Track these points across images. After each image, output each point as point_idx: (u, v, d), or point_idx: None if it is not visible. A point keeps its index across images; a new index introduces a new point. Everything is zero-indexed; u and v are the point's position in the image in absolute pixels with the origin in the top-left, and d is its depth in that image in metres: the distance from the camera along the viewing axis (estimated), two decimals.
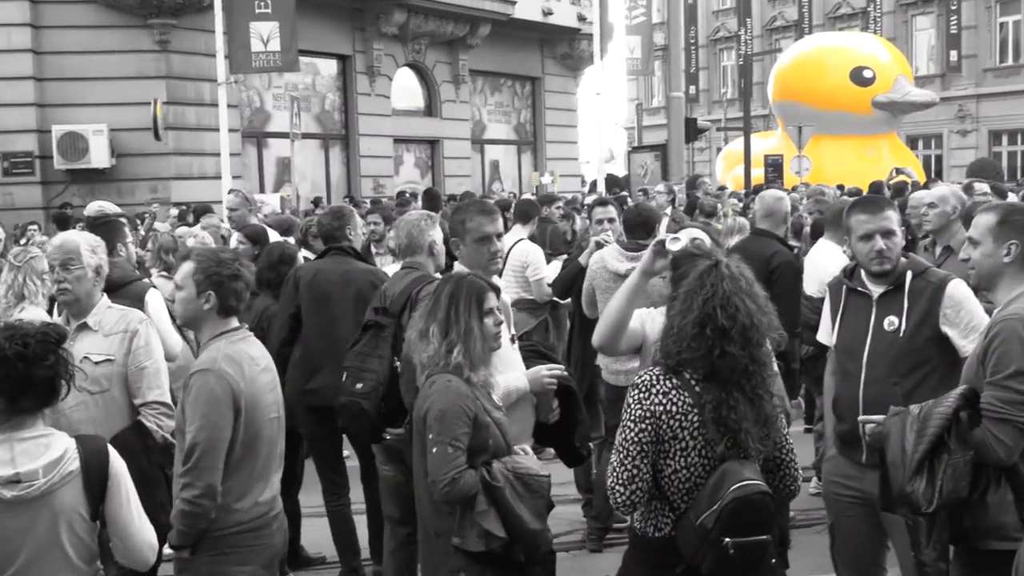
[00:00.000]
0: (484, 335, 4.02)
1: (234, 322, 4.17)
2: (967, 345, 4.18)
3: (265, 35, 18.01)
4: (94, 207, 10.53)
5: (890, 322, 4.34)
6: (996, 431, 3.58)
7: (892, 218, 4.43)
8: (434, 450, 3.81)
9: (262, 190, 22.74)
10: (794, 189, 18.88)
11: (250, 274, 4.23)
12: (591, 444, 4.95)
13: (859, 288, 4.48)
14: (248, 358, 4.09)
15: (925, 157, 42.19)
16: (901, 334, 4.31)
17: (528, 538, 3.94)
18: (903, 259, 4.46)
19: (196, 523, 3.88)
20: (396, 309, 4.99)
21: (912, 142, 40.44)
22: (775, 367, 3.55)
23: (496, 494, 3.86)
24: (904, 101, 28.49)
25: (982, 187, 9.58)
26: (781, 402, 3.61)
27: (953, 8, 41.75)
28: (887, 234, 4.37)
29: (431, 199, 13.99)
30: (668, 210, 11.67)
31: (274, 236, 9.07)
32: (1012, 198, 9.81)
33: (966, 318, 4.28)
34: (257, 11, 17.85)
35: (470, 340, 3.97)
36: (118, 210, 10.88)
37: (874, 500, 4.26)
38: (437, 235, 5.32)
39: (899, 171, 16.99)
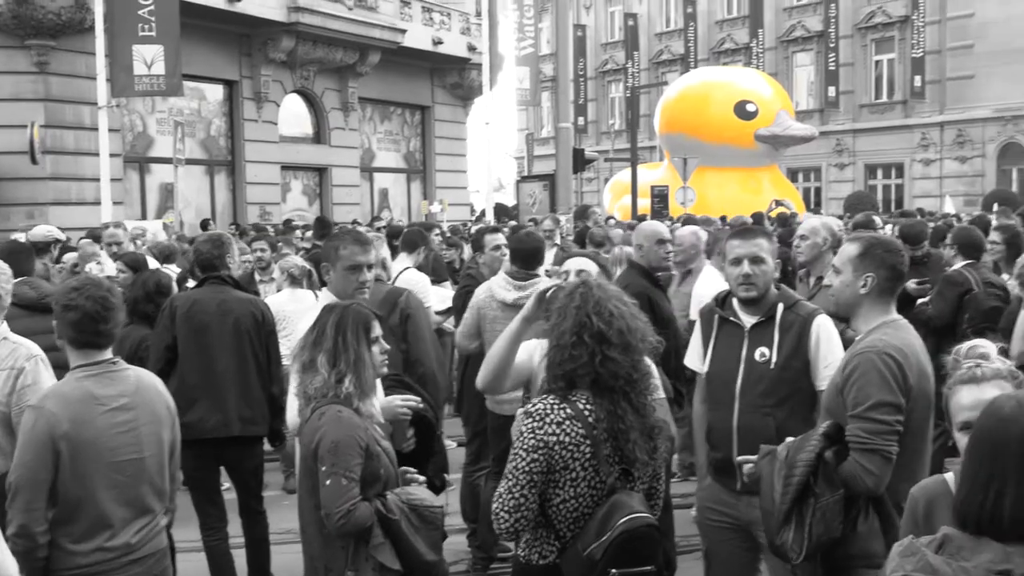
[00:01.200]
0: (372, 364, 3.97)
1: (97, 355, 3.97)
2: (824, 378, 4.29)
3: (149, 58, 17.64)
4: (42, 230, 10.18)
5: (761, 353, 4.40)
6: (864, 462, 3.67)
7: (763, 246, 4.50)
8: (328, 482, 3.71)
9: (144, 216, 22.23)
10: (677, 220, 19.20)
11: (100, 303, 3.93)
12: (445, 476, 4.91)
13: (731, 318, 4.54)
14: (90, 397, 3.87)
15: (805, 189, 43.43)
16: (772, 365, 4.38)
17: (424, 570, 3.89)
18: (775, 291, 4.53)
19: (24, 562, 3.66)
20: None
21: (793, 174, 41.60)
22: (657, 380, 3.59)
23: (392, 526, 3.79)
24: (785, 135, 29.27)
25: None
26: (666, 425, 3.63)
27: (831, 46, 43.19)
28: (755, 260, 4.44)
29: (322, 226, 13.84)
30: (557, 239, 11.74)
31: (156, 265, 8.85)
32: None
33: (825, 351, 4.37)
34: (140, 34, 17.48)
35: (360, 369, 3.90)
36: (60, 236, 10.55)
37: (747, 525, 4.37)
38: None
39: (778, 202, 17.46)
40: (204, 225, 20.19)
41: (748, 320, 4.49)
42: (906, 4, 41.44)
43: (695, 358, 4.76)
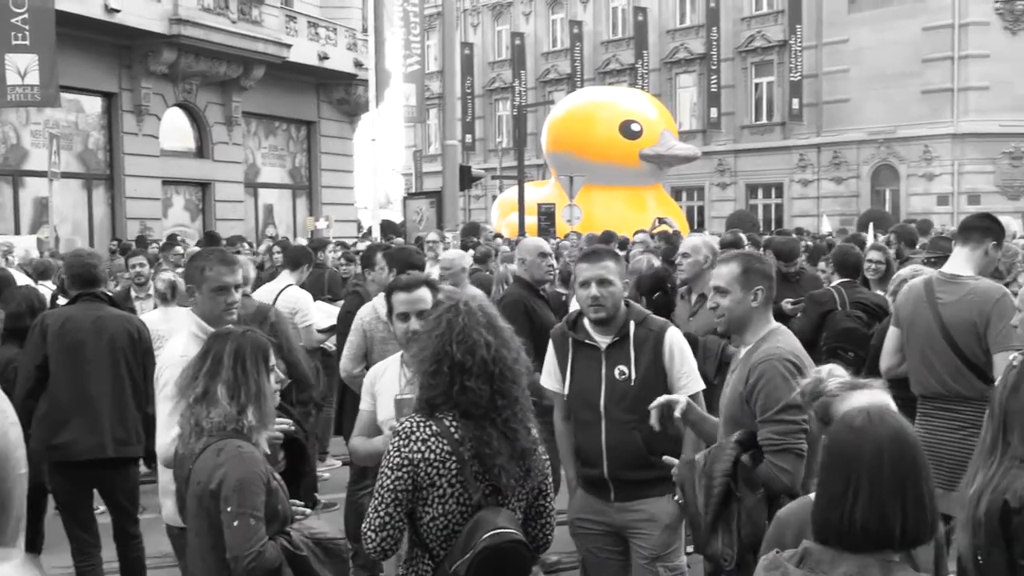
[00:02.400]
0: (271, 394, 3.82)
1: None
2: (681, 387, 4.52)
3: (22, 68, 17.14)
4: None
5: (620, 371, 4.57)
6: (779, 461, 3.80)
7: (610, 268, 4.63)
8: (235, 524, 3.51)
9: (18, 231, 21.52)
10: (566, 237, 19.39)
11: None
12: (316, 497, 4.87)
13: (586, 340, 4.67)
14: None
15: (688, 208, 44.26)
16: (632, 383, 4.54)
17: None
18: (625, 309, 4.67)
19: None
20: None
21: (677, 193, 42.35)
22: (529, 403, 3.58)
23: (301, 563, 3.67)
24: (669, 154, 29.73)
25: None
26: (537, 447, 3.62)
27: (713, 68, 44.22)
28: (603, 282, 4.57)
29: (210, 241, 13.56)
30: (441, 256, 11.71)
31: (29, 281, 8.55)
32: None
33: (679, 362, 4.60)
34: (14, 42, 16.97)
35: (261, 401, 3.74)
36: None
37: (620, 530, 4.62)
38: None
39: (661, 220, 17.75)
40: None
41: (603, 340, 4.64)
42: (784, 29, 42.68)
43: (551, 379, 4.85)
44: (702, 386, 4.76)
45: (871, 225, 20.83)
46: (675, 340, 4.64)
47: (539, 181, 36.97)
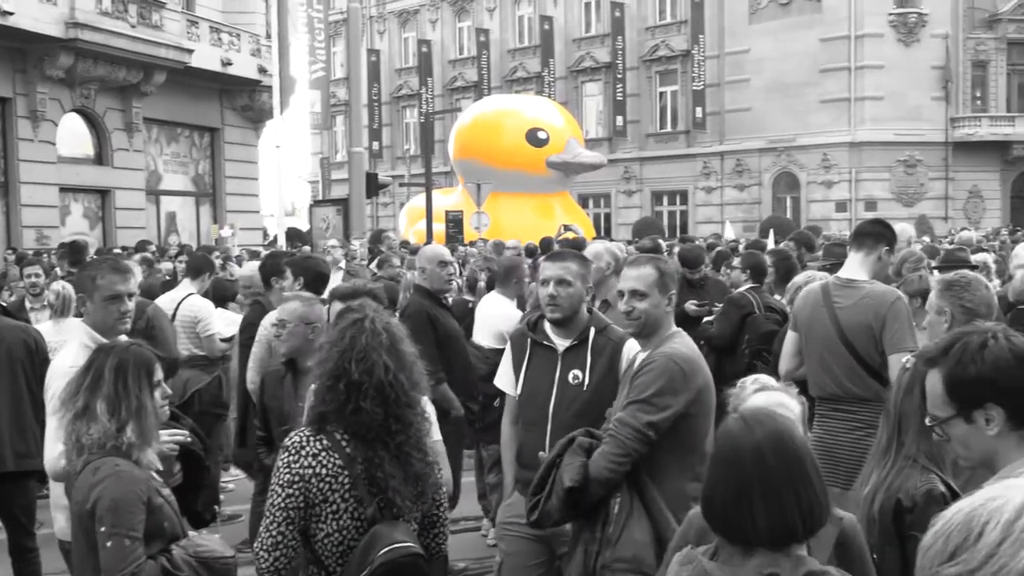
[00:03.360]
0: (155, 411, 3.69)
1: None
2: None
3: None
4: None
5: (574, 375, 4.56)
6: (609, 448, 3.93)
7: (571, 269, 4.64)
8: (109, 544, 3.38)
9: None
10: (472, 244, 19.39)
11: None
12: (217, 508, 4.75)
13: (544, 342, 4.66)
14: None
15: (595, 215, 44.68)
16: (585, 387, 4.53)
17: None
18: (587, 315, 4.69)
19: None
20: None
21: (583, 200, 42.72)
22: (427, 425, 3.53)
23: None
24: (575, 162, 29.95)
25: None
26: (433, 468, 3.57)
27: (619, 77, 44.72)
28: (561, 282, 4.58)
29: (74, 252, 12.90)
30: (342, 263, 11.63)
31: None
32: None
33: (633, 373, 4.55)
34: None
35: (142, 417, 3.60)
36: None
37: (549, 538, 4.51)
38: None
39: (567, 227, 17.88)
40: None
41: (561, 343, 4.63)
42: (687, 39, 43.36)
43: (506, 381, 4.84)
44: None
45: (771, 231, 21.24)
46: (630, 352, 4.61)
47: (447, 188, 36.95)
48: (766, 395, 3.16)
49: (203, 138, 31.41)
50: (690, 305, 8.16)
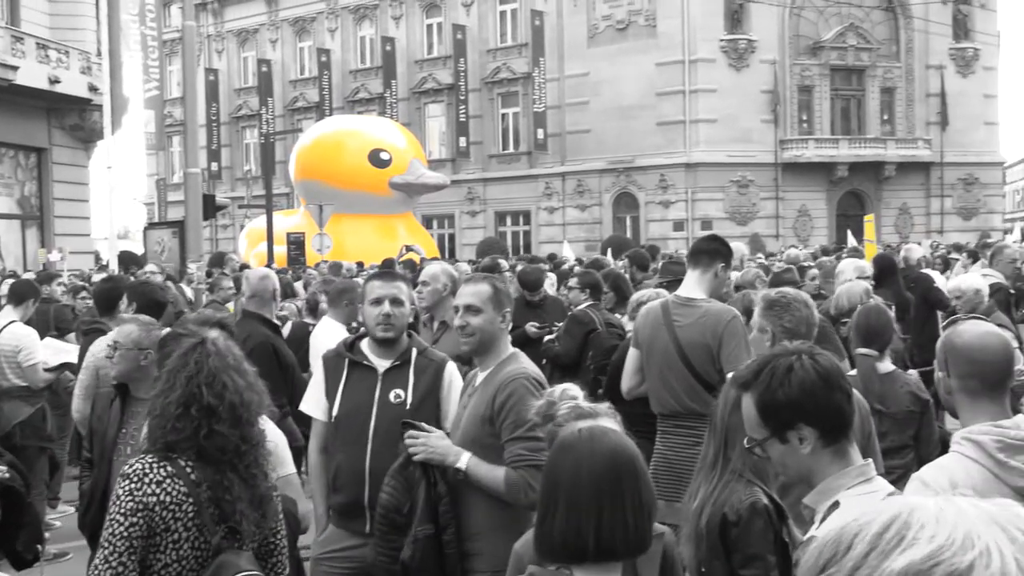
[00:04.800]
0: None
1: None
2: (451, 419, 4.49)
3: None
4: None
5: (396, 395, 4.52)
6: (529, 477, 3.83)
7: (402, 289, 4.66)
8: None
9: None
10: (316, 266, 19.14)
11: None
12: (40, 548, 4.53)
13: (364, 362, 4.60)
14: None
15: (440, 236, 44.74)
16: (408, 406, 4.49)
17: None
18: (407, 337, 4.67)
19: None
20: None
21: (427, 221, 42.71)
22: (268, 445, 3.47)
23: None
24: (418, 183, 29.96)
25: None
26: (272, 492, 3.51)
27: (461, 99, 44.98)
28: (395, 302, 4.56)
29: None
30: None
31: None
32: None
33: (455, 396, 4.57)
34: None
35: None
36: None
37: (369, 568, 4.36)
38: None
39: (409, 248, 17.86)
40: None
41: (381, 364, 4.58)
42: (528, 62, 43.93)
43: (315, 405, 4.72)
44: None
45: (609, 250, 21.65)
46: (453, 375, 4.65)
47: (288, 210, 36.43)
48: (589, 421, 3.17)
49: (29, 159, 30.11)
50: (531, 327, 8.23)
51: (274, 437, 3.80)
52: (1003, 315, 8.33)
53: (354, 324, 7.30)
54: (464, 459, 3.96)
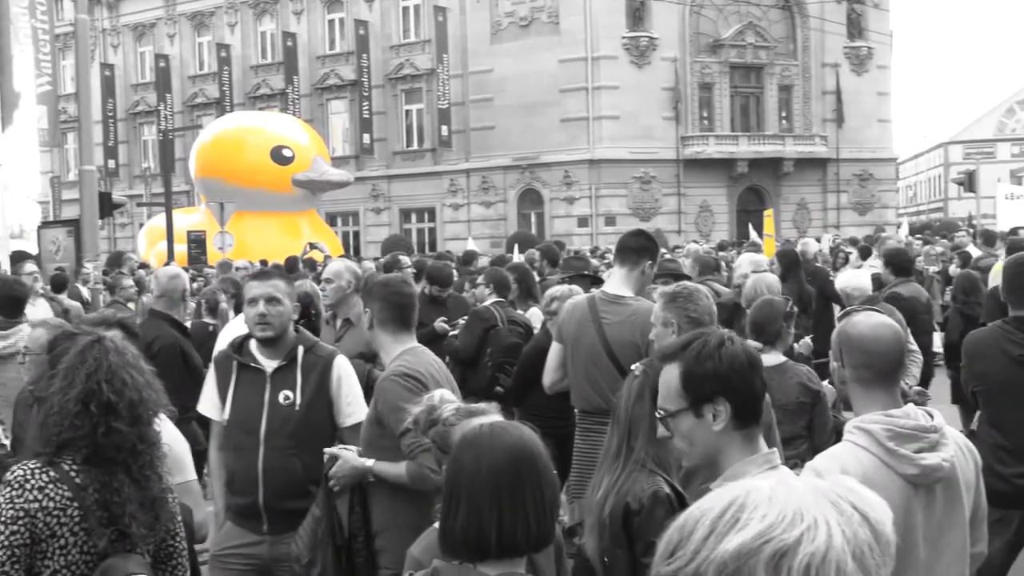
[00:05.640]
0: None
1: None
2: (347, 415, 4.52)
3: None
4: None
5: (285, 396, 4.47)
6: (427, 461, 3.83)
7: (279, 287, 4.59)
8: None
9: None
10: (215, 266, 18.83)
11: None
12: None
13: (252, 363, 4.55)
14: None
15: (344, 233, 44.40)
16: (297, 407, 4.46)
17: None
18: (294, 334, 4.62)
19: None
20: None
21: (331, 219, 42.36)
22: (164, 448, 3.42)
23: None
24: (322, 180, 29.71)
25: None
26: (171, 488, 3.46)
27: (365, 95, 44.66)
28: (271, 300, 4.51)
29: None
30: (40, 289, 11.01)
31: None
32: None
33: (346, 390, 4.57)
34: None
35: None
36: None
37: (270, 563, 4.45)
38: None
39: (313, 246, 17.69)
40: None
41: (269, 364, 4.54)
42: (432, 58, 43.83)
43: (210, 406, 4.68)
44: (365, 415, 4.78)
45: (516, 246, 21.74)
46: (343, 368, 4.61)
47: (189, 208, 35.80)
48: (480, 419, 3.19)
49: None
50: (439, 323, 8.24)
51: (173, 440, 3.74)
52: (889, 306, 8.58)
53: None
54: (370, 465, 4.07)
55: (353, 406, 4.57)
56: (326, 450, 4.18)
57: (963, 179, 39.05)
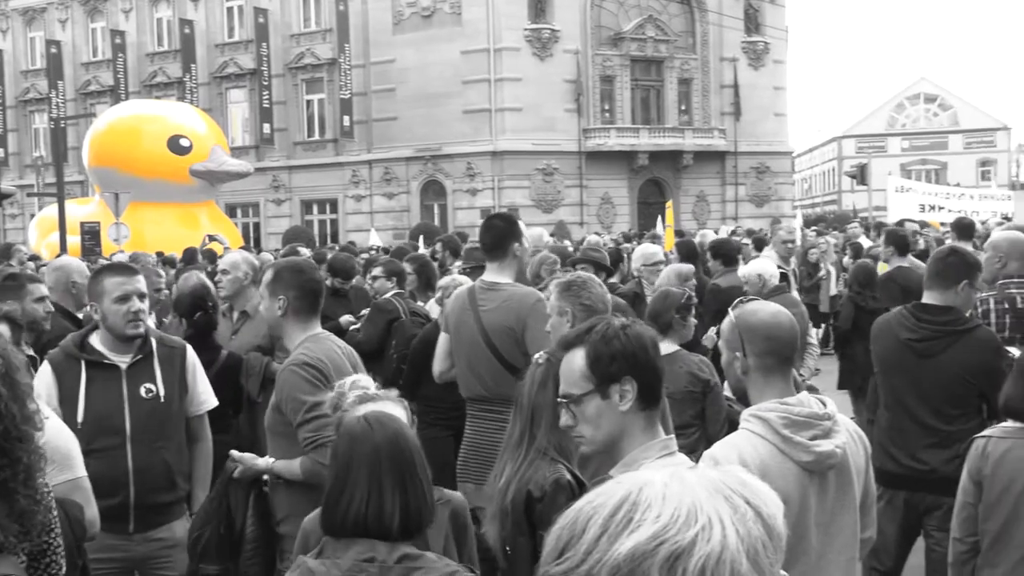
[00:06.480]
0: None
1: None
2: (198, 403, 4.60)
3: None
4: None
5: (147, 389, 4.41)
6: (319, 457, 3.84)
7: (144, 282, 4.54)
8: None
9: None
10: (109, 257, 18.40)
11: None
12: None
13: (103, 361, 4.41)
14: None
15: (244, 225, 43.74)
16: (162, 400, 4.42)
17: None
18: (153, 327, 4.67)
19: None
20: None
21: (231, 210, 41.69)
22: (41, 463, 3.28)
23: None
24: (220, 170, 29.19)
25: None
26: (46, 495, 3.33)
27: (265, 84, 44.02)
28: (143, 296, 4.45)
29: None
30: None
31: None
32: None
33: (200, 379, 4.63)
34: None
35: None
36: None
37: (140, 564, 4.41)
38: None
39: (212, 238, 17.39)
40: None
41: (122, 360, 4.42)
42: (333, 48, 43.40)
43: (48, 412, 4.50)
44: (215, 403, 4.78)
45: (421, 237, 21.67)
46: (194, 358, 4.65)
47: (83, 199, 34.87)
48: (372, 406, 3.20)
49: None
50: (345, 318, 8.17)
51: (60, 437, 3.61)
52: (791, 295, 8.80)
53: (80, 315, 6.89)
54: (269, 465, 4.10)
55: (205, 395, 4.65)
56: (232, 453, 4.16)
57: (855, 172, 40.21)
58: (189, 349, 4.63)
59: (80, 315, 6.60)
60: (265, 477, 4.13)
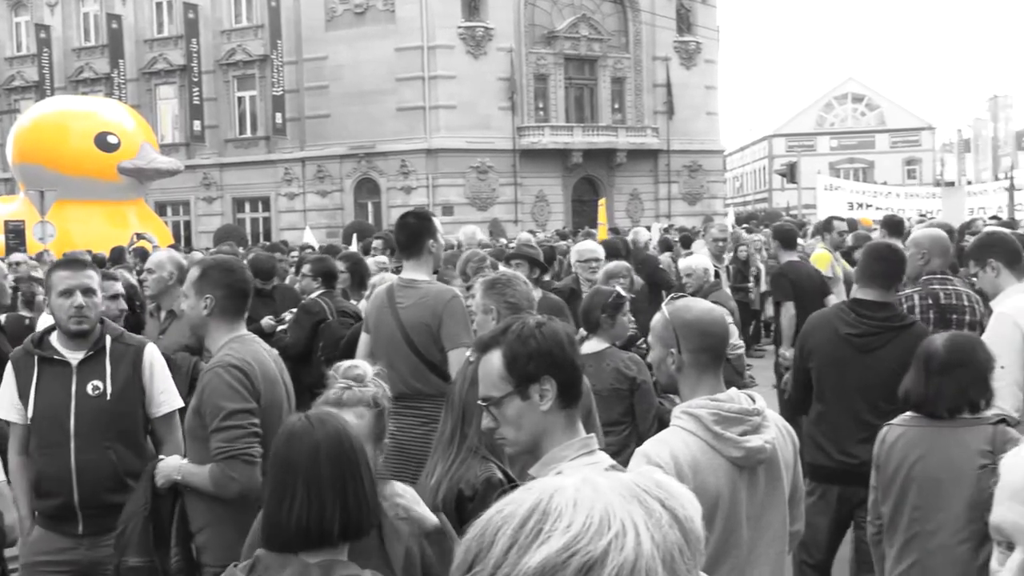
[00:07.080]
0: None
1: None
2: (159, 404, 4.45)
3: None
4: None
5: (95, 387, 4.32)
6: (228, 469, 3.78)
7: (94, 277, 4.45)
8: None
9: None
10: (36, 256, 18.02)
11: None
12: None
13: (55, 356, 4.36)
14: None
15: (175, 223, 43.14)
16: (108, 398, 4.31)
17: None
18: (100, 323, 4.48)
19: None
20: None
21: (161, 208, 41.09)
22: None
23: None
24: (149, 168, 28.75)
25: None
26: None
27: (195, 81, 43.44)
28: (87, 291, 4.35)
29: None
30: None
31: None
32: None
33: (160, 379, 4.48)
34: None
35: None
36: None
37: (92, 567, 4.26)
38: None
39: (140, 236, 17.13)
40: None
41: (74, 356, 4.36)
42: (265, 44, 42.97)
43: (11, 410, 4.43)
44: (180, 404, 4.61)
45: (355, 236, 21.52)
46: (154, 357, 4.49)
47: (7, 196, 34.12)
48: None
49: None
50: (266, 321, 8.04)
51: None
52: (724, 291, 8.89)
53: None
54: (179, 469, 3.98)
55: (165, 395, 4.48)
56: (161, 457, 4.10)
57: (785, 171, 40.73)
58: (149, 348, 4.47)
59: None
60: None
